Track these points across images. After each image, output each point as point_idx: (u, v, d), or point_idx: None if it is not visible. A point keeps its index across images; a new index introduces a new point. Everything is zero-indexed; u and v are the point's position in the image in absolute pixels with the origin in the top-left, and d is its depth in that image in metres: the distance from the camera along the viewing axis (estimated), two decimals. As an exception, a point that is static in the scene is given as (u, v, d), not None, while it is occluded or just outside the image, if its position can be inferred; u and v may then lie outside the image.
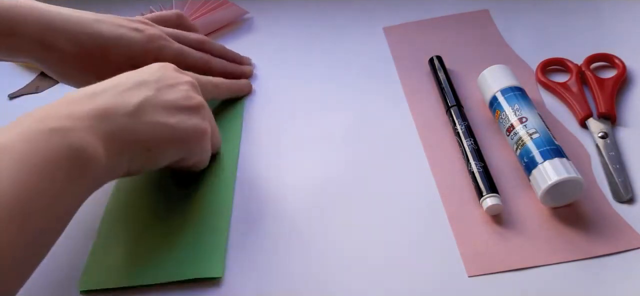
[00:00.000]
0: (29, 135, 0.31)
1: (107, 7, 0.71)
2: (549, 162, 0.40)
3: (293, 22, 0.65)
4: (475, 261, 0.38)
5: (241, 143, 0.50)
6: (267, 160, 0.48)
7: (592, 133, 0.46)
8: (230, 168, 0.47)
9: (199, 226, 0.42)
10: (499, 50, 0.57)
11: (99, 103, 0.35)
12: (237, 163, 0.48)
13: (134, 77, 0.39)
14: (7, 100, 0.58)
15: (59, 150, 0.31)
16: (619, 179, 0.42)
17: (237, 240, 0.42)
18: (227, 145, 0.49)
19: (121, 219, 0.44)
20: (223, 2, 0.66)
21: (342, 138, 0.49)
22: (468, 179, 0.44)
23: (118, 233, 0.43)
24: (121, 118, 0.36)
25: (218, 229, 0.42)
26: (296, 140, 0.50)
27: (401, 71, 0.56)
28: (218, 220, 0.43)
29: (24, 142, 0.30)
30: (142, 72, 0.40)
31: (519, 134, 0.43)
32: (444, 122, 0.50)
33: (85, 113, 0.34)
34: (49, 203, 0.30)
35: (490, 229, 0.40)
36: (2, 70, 0.63)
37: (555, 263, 0.38)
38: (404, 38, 0.60)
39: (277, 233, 0.42)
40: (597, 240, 0.39)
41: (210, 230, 0.42)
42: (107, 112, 0.35)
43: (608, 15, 0.60)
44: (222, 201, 0.44)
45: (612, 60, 0.53)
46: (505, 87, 0.47)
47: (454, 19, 0.62)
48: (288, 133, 0.51)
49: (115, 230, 0.43)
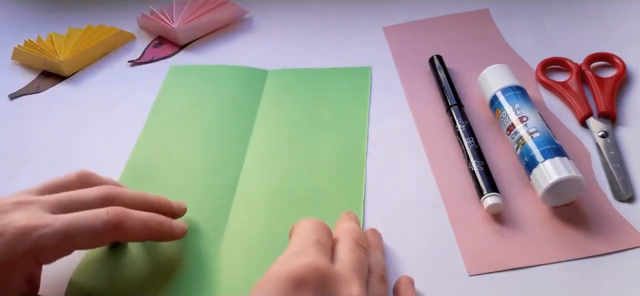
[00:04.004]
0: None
1: (108, 7, 0.71)
2: (549, 161, 0.40)
3: (293, 22, 0.65)
4: (476, 260, 0.38)
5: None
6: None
7: (592, 133, 0.47)
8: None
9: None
10: (499, 49, 0.57)
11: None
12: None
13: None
14: (7, 100, 0.58)
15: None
16: (619, 178, 0.43)
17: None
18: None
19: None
20: (223, 2, 0.66)
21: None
22: (468, 178, 0.44)
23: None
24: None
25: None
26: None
27: (401, 71, 0.56)
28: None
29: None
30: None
31: (520, 133, 0.43)
32: (445, 121, 0.50)
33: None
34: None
35: (490, 228, 0.40)
36: (2, 70, 0.63)
37: (555, 262, 0.38)
38: (404, 38, 0.60)
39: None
40: (597, 239, 0.39)
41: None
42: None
43: (608, 15, 0.60)
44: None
45: (612, 60, 0.53)
46: (505, 86, 0.47)
47: (454, 18, 0.62)
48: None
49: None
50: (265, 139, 0.50)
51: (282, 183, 0.45)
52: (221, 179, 0.46)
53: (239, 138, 0.50)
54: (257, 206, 0.44)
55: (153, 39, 0.65)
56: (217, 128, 0.51)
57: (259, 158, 0.48)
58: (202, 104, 0.54)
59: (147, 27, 0.66)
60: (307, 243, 0.33)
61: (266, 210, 0.43)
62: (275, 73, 0.57)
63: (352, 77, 0.56)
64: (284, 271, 0.30)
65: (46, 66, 0.61)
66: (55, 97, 0.58)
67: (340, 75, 0.56)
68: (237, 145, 0.49)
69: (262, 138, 0.50)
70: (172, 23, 0.63)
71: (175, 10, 0.65)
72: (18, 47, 0.63)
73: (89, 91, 0.58)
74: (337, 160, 0.47)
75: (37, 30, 0.66)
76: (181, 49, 0.63)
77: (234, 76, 0.57)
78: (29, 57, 0.62)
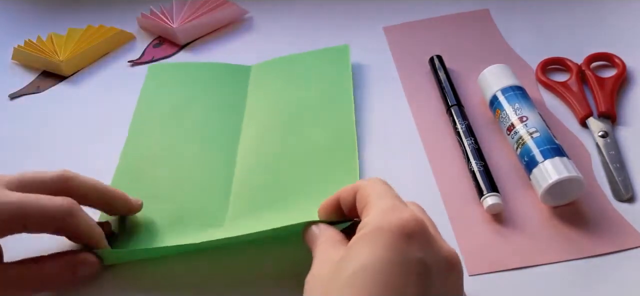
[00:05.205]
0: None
1: (108, 7, 0.71)
2: (549, 161, 0.40)
3: (293, 22, 0.65)
4: (476, 260, 0.38)
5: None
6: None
7: (592, 133, 0.47)
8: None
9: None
10: (499, 49, 0.57)
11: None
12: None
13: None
14: (7, 100, 0.58)
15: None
16: (619, 178, 0.43)
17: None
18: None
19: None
20: (223, 2, 0.66)
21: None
22: (468, 178, 0.44)
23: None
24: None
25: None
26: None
27: (401, 71, 0.56)
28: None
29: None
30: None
31: (520, 133, 0.43)
32: (445, 121, 0.50)
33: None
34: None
35: (490, 228, 0.40)
36: (2, 70, 0.63)
37: (555, 262, 0.38)
38: (404, 38, 0.60)
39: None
40: (597, 238, 0.39)
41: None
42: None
43: (608, 15, 0.60)
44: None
45: (612, 60, 0.53)
46: (505, 86, 0.47)
47: (454, 18, 0.62)
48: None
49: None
50: (255, 131, 0.50)
51: (278, 172, 0.46)
52: (217, 174, 0.46)
53: (229, 133, 0.50)
54: (256, 198, 0.44)
55: (153, 39, 0.65)
56: (207, 125, 0.51)
57: (252, 150, 0.48)
58: (188, 102, 0.54)
59: (147, 27, 0.66)
60: (396, 200, 0.32)
61: (265, 201, 0.43)
62: (257, 66, 0.58)
63: (332, 56, 0.57)
64: (395, 223, 0.29)
65: (46, 66, 0.61)
66: (55, 97, 0.58)
67: (321, 57, 0.57)
68: (229, 140, 0.49)
69: (253, 130, 0.50)
70: (172, 23, 0.63)
71: (175, 10, 0.65)
72: (18, 47, 0.63)
73: (89, 91, 0.58)
74: (327, 144, 0.47)
75: (37, 30, 0.66)
76: (181, 48, 0.63)
77: (216, 73, 0.57)
78: (29, 57, 0.62)
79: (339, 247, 0.32)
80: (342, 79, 0.54)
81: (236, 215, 0.43)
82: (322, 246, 0.33)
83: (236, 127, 0.51)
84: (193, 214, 0.43)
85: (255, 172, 0.46)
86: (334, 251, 0.32)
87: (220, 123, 0.51)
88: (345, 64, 0.55)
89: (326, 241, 0.33)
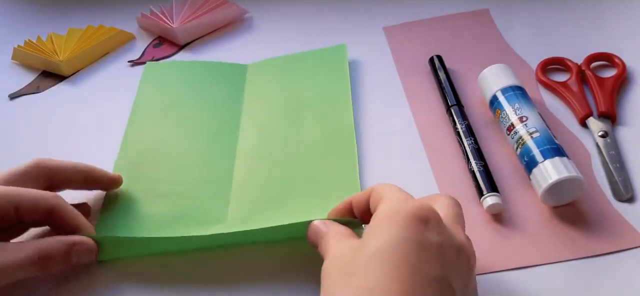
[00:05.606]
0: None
1: (108, 7, 0.71)
2: (549, 161, 0.40)
3: (293, 22, 0.65)
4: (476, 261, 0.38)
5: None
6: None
7: (592, 133, 0.47)
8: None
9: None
10: (499, 49, 0.57)
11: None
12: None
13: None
14: (7, 100, 0.58)
15: None
16: (619, 178, 0.43)
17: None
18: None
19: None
20: (223, 2, 0.66)
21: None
22: (468, 178, 0.44)
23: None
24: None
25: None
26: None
27: (401, 71, 0.56)
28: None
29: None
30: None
31: (520, 133, 0.43)
32: (445, 121, 0.50)
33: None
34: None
35: (490, 228, 0.40)
36: (2, 70, 0.63)
37: (555, 262, 0.38)
38: (404, 38, 0.60)
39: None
40: (597, 238, 0.39)
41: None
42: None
43: (608, 15, 0.60)
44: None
45: (612, 60, 0.53)
46: (505, 86, 0.47)
47: (454, 18, 0.62)
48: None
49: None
50: (254, 129, 0.50)
51: (278, 170, 0.46)
52: (216, 172, 0.46)
53: (227, 131, 0.50)
54: (256, 196, 0.44)
55: (153, 38, 0.65)
56: (204, 122, 0.51)
57: (251, 148, 0.48)
58: (185, 100, 0.54)
59: (147, 27, 0.66)
60: (409, 195, 0.34)
61: (266, 199, 0.44)
62: (254, 65, 0.58)
63: (329, 56, 0.57)
64: (410, 209, 0.30)
65: (46, 66, 0.61)
66: (55, 97, 0.58)
67: (318, 56, 0.57)
68: (227, 138, 0.49)
69: (251, 128, 0.50)
70: (172, 23, 0.63)
71: (175, 10, 0.65)
72: (18, 47, 0.63)
73: (89, 91, 0.58)
74: (326, 142, 0.47)
75: (37, 30, 0.66)
76: (181, 48, 0.63)
77: (212, 71, 0.57)
78: (29, 57, 0.62)
79: (351, 238, 0.33)
80: (339, 78, 0.54)
81: (237, 212, 0.43)
82: (334, 238, 0.34)
83: (234, 125, 0.51)
84: (194, 211, 0.43)
85: (255, 170, 0.46)
86: (348, 240, 0.33)
87: (217, 121, 0.51)
88: (342, 62, 0.56)
89: (337, 234, 0.34)
